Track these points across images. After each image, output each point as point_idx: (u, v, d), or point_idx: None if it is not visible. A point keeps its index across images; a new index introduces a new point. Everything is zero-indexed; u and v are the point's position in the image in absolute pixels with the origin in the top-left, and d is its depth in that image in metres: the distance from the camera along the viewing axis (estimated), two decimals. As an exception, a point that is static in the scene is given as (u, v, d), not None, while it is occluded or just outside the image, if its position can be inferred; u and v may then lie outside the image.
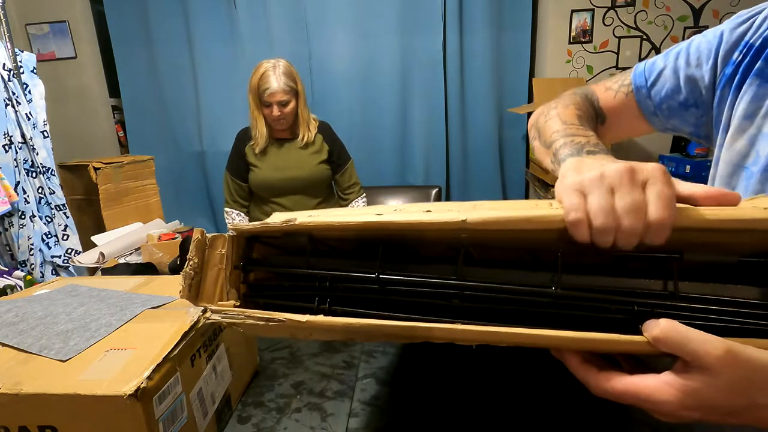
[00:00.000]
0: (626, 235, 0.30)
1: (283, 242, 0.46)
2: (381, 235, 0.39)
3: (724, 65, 0.54)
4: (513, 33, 2.49)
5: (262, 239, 0.45)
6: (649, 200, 0.30)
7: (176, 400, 0.47)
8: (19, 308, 0.58)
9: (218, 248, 0.42)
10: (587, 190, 0.31)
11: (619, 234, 0.30)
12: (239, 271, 0.43)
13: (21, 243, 1.59)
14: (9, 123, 1.55)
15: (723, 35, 0.54)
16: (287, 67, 1.54)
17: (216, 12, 2.46)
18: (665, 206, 0.29)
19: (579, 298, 0.33)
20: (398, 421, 0.59)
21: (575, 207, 0.31)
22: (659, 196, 0.29)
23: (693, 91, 0.59)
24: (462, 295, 0.36)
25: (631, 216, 0.29)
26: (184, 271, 0.41)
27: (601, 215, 0.30)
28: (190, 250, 0.42)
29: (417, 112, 2.56)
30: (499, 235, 0.35)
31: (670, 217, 0.29)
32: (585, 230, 0.31)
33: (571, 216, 0.31)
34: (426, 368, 0.71)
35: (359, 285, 0.38)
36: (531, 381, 0.65)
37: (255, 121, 1.59)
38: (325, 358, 0.75)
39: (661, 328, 0.28)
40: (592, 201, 0.30)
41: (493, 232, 0.34)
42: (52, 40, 2.52)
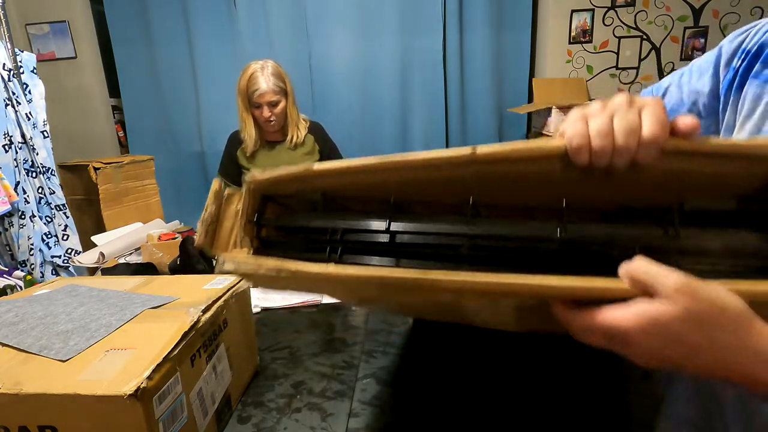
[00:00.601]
0: (621, 153, 0.33)
1: (295, 202, 0.46)
2: (391, 185, 0.39)
3: (725, 72, 0.57)
4: (513, 33, 2.49)
5: (275, 198, 0.46)
6: (643, 120, 0.32)
7: (176, 400, 0.47)
8: (19, 308, 0.58)
9: (234, 203, 0.44)
10: (590, 117, 0.34)
11: (615, 153, 0.33)
12: (252, 226, 0.44)
13: (21, 243, 1.59)
14: (9, 123, 1.55)
15: (722, 48, 0.58)
16: (275, 67, 1.54)
17: (216, 12, 2.46)
18: (658, 124, 0.32)
19: (583, 242, 0.34)
20: (398, 421, 0.59)
21: (578, 133, 0.33)
22: (653, 116, 0.32)
23: (695, 103, 0.61)
24: (470, 244, 0.36)
25: (627, 135, 0.32)
26: (201, 218, 0.43)
27: (600, 137, 0.33)
28: (208, 199, 0.43)
29: (417, 112, 2.56)
30: (505, 176, 0.36)
31: (662, 135, 0.32)
32: (585, 154, 0.33)
33: (573, 142, 0.33)
34: (426, 368, 0.71)
35: (370, 237, 0.39)
36: (531, 381, 0.65)
37: (244, 124, 1.57)
38: (325, 358, 0.75)
39: (631, 264, 0.30)
40: (593, 125, 0.33)
41: (499, 176, 0.35)
42: (52, 40, 2.52)
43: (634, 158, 0.33)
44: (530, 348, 0.72)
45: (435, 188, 0.40)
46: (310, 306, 0.98)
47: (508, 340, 0.75)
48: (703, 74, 0.60)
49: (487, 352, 0.73)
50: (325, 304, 0.98)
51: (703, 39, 2.41)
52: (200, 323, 0.53)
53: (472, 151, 0.34)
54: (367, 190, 0.41)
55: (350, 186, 0.41)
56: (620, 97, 0.34)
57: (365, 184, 0.40)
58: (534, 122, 2.56)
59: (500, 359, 0.71)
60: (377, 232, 0.39)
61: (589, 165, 0.34)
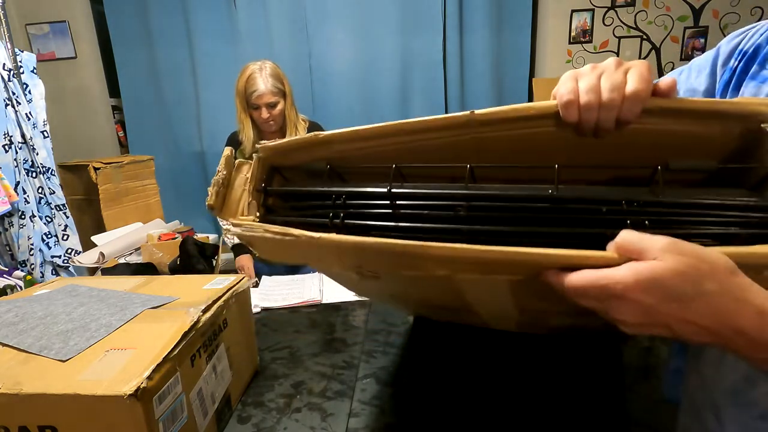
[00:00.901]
0: (606, 108, 0.35)
1: (301, 175, 0.48)
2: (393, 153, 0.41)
3: (722, 72, 0.59)
4: (513, 33, 2.49)
5: (281, 171, 0.48)
6: (628, 78, 0.35)
7: (176, 400, 0.47)
8: (19, 308, 0.58)
9: (243, 172, 0.46)
10: (580, 76, 0.37)
11: (601, 108, 0.35)
12: (260, 194, 0.46)
13: (21, 243, 1.58)
14: (9, 123, 1.55)
15: (720, 48, 0.60)
16: (274, 68, 1.53)
17: (216, 12, 2.46)
18: (641, 81, 0.35)
19: (574, 199, 0.36)
20: (398, 421, 0.59)
21: (568, 90, 0.36)
22: (638, 75, 0.35)
23: None
24: (468, 205, 0.38)
25: (611, 91, 0.35)
26: (213, 180, 0.45)
27: (587, 93, 0.35)
28: (220, 164, 0.46)
29: (417, 112, 2.56)
30: (502, 140, 0.38)
31: (644, 91, 0.34)
32: (575, 110, 0.36)
33: (564, 98, 0.36)
34: (426, 368, 0.71)
35: (371, 201, 0.41)
36: (532, 381, 0.65)
37: (242, 125, 1.57)
38: (325, 358, 0.75)
39: (619, 235, 0.31)
40: (582, 83, 0.36)
41: (495, 140, 0.38)
42: (52, 40, 2.52)
43: (619, 115, 0.35)
44: (530, 348, 0.72)
45: (435, 155, 0.42)
46: (310, 306, 0.98)
47: (508, 341, 0.75)
48: (701, 73, 0.61)
49: (487, 353, 0.73)
50: (325, 304, 0.98)
51: (703, 39, 2.41)
52: (200, 323, 0.53)
53: (471, 113, 0.37)
54: (370, 158, 0.44)
55: (354, 153, 0.44)
56: (610, 60, 0.37)
57: (368, 152, 0.43)
58: (534, 122, 2.56)
59: (500, 359, 0.71)
60: (379, 195, 0.40)
61: (579, 122, 0.36)
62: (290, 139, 0.45)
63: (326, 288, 1.07)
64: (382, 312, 0.92)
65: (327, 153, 0.45)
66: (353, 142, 0.43)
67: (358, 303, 0.97)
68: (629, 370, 0.68)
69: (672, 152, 0.37)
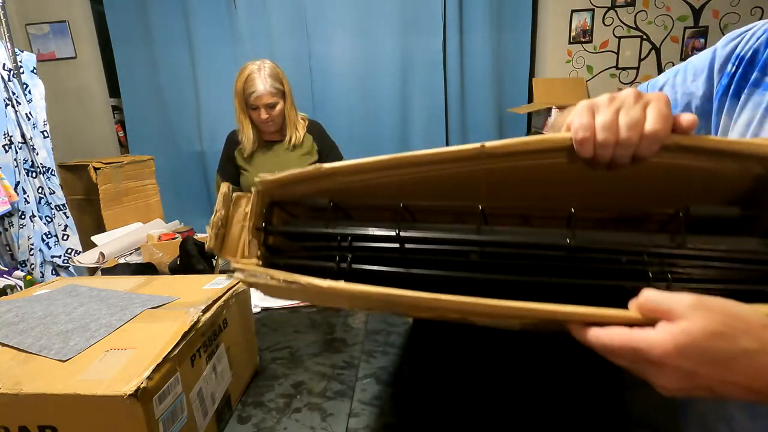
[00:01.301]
0: (623, 145, 0.33)
1: (302, 210, 0.46)
2: (399, 187, 0.39)
3: (720, 77, 0.59)
4: (513, 33, 2.49)
5: (282, 206, 0.46)
6: (647, 115, 0.33)
7: (176, 400, 0.47)
8: (19, 308, 0.58)
9: (242, 206, 0.44)
10: (596, 109, 0.35)
11: (618, 145, 0.34)
12: (261, 233, 0.44)
13: (21, 243, 1.58)
14: (9, 123, 1.55)
15: (716, 51, 0.60)
16: (273, 68, 1.51)
17: (216, 12, 2.46)
18: (660, 120, 0.33)
19: (592, 249, 0.34)
20: (398, 421, 0.59)
21: (584, 126, 0.34)
22: (657, 112, 0.33)
23: (688, 105, 0.63)
24: (480, 252, 0.36)
25: (630, 128, 0.33)
26: (212, 221, 0.43)
27: (605, 130, 0.34)
28: (217, 203, 0.43)
29: (417, 112, 2.56)
30: (513, 172, 0.37)
31: (663, 130, 0.33)
32: (590, 147, 0.34)
33: (579, 134, 0.34)
34: (426, 368, 0.71)
35: (379, 244, 0.39)
36: (532, 381, 0.65)
37: (242, 125, 1.55)
38: (325, 358, 0.75)
39: (639, 298, 0.30)
40: (599, 118, 0.34)
41: (506, 173, 0.36)
42: (52, 40, 2.52)
43: (636, 152, 0.34)
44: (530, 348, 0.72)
45: (444, 185, 0.40)
46: (310, 306, 0.98)
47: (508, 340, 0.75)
48: (698, 76, 0.61)
49: (487, 352, 0.73)
50: (325, 304, 0.98)
51: (703, 39, 2.41)
52: (200, 323, 0.53)
53: (481, 146, 0.35)
54: (376, 192, 0.41)
55: (359, 187, 0.41)
56: (627, 92, 0.35)
57: (374, 186, 0.41)
58: (534, 122, 2.56)
59: (500, 359, 0.71)
60: (387, 239, 0.38)
61: (594, 158, 0.34)
62: (290, 173, 0.42)
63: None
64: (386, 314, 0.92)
65: (330, 185, 0.42)
66: (357, 175, 0.41)
67: (358, 303, 0.97)
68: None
69: (688, 187, 0.36)
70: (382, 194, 0.41)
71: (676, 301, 0.29)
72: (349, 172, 0.41)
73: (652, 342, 0.28)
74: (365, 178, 0.41)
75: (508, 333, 0.77)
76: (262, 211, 0.44)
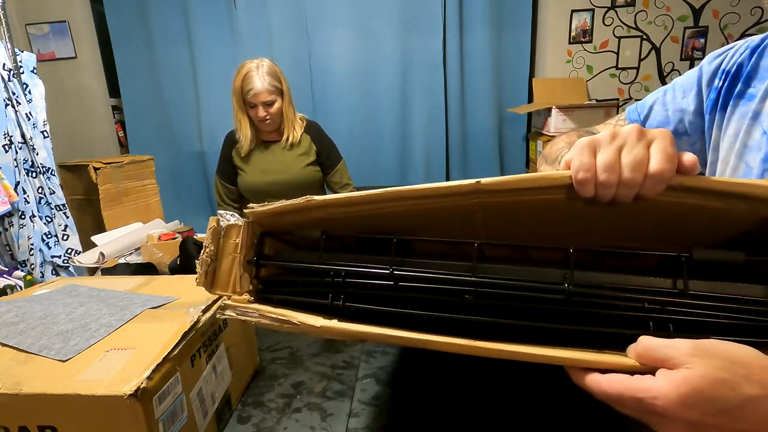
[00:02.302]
0: (626, 185, 0.32)
1: (295, 239, 0.46)
2: (393, 219, 0.39)
3: (708, 91, 0.61)
4: (513, 33, 2.49)
5: (274, 235, 0.45)
6: (651, 154, 0.32)
7: (176, 400, 0.47)
8: (19, 308, 0.58)
9: (233, 237, 0.43)
10: (599, 148, 0.34)
11: (620, 185, 0.33)
12: (252, 266, 0.43)
13: (21, 243, 1.58)
14: (9, 123, 1.55)
15: (702, 68, 0.62)
16: (271, 66, 1.51)
17: (216, 12, 2.46)
18: (665, 160, 0.32)
19: (590, 295, 0.33)
20: (398, 421, 0.59)
21: (585, 167, 0.33)
22: (661, 151, 0.32)
23: (681, 121, 0.64)
24: (476, 292, 0.36)
25: (633, 169, 0.32)
26: (201, 258, 0.42)
27: (606, 171, 0.32)
28: (206, 238, 0.42)
29: (417, 112, 2.56)
30: (510, 207, 0.36)
31: (669, 171, 0.32)
32: (591, 188, 0.33)
33: (579, 175, 0.33)
34: (426, 368, 0.71)
35: (373, 281, 0.38)
36: (532, 382, 0.65)
37: (239, 124, 1.55)
38: (325, 358, 0.75)
39: (638, 346, 0.30)
40: (600, 158, 0.33)
41: (503, 207, 0.35)
42: (52, 40, 2.52)
43: (639, 192, 0.33)
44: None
45: (440, 219, 0.39)
46: (310, 306, 0.97)
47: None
48: (687, 93, 0.62)
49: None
50: (325, 304, 0.98)
51: (703, 39, 2.41)
52: (200, 323, 0.53)
53: (476, 182, 0.34)
54: (371, 222, 0.41)
55: (352, 219, 0.41)
56: (630, 129, 0.34)
57: (369, 216, 0.40)
58: (534, 122, 2.57)
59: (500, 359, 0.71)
60: (380, 278, 0.38)
61: (594, 198, 0.34)
62: (281, 204, 0.41)
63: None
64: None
65: (322, 215, 0.41)
66: (350, 207, 0.40)
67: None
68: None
69: (692, 224, 0.35)
70: (376, 224, 0.41)
71: (675, 348, 0.28)
72: (341, 204, 0.40)
73: (654, 392, 0.28)
74: (359, 210, 0.40)
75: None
76: (253, 242, 0.43)
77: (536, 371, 0.68)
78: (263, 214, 0.42)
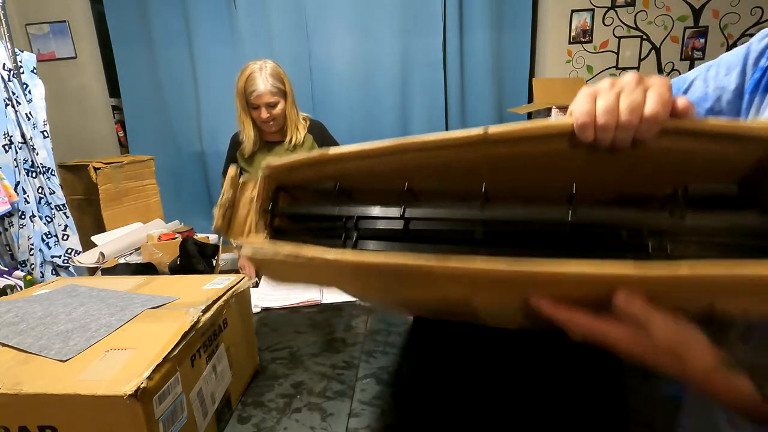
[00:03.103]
0: (623, 128, 0.34)
1: (308, 194, 0.47)
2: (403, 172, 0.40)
3: (753, 71, 0.58)
4: (513, 33, 2.49)
5: (287, 189, 0.47)
6: (647, 98, 0.34)
7: (176, 400, 0.47)
8: (19, 308, 0.58)
9: (248, 190, 0.45)
10: (598, 94, 0.36)
11: (618, 128, 0.35)
12: (267, 214, 0.45)
13: (21, 243, 1.58)
14: (9, 123, 1.55)
15: (750, 46, 0.59)
16: (274, 68, 1.52)
17: (216, 12, 2.46)
18: (660, 103, 0.34)
19: (593, 225, 0.35)
20: (398, 421, 0.59)
21: (585, 111, 0.35)
22: (656, 95, 0.34)
23: (719, 99, 0.63)
24: (484, 229, 0.37)
25: (630, 112, 0.34)
26: (219, 203, 0.44)
27: (605, 114, 0.34)
28: (225, 184, 0.44)
29: (417, 112, 2.56)
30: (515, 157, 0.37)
31: (662, 113, 0.34)
32: (591, 132, 0.35)
33: (580, 120, 0.35)
34: (426, 368, 0.71)
35: (384, 224, 0.39)
36: (532, 382, 0.65)
37: (243, 125, 1.55)
38: (325, 358, 0.75)
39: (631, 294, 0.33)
40: (599, 103, 0.35)
41: (509, 158, 0.37)
42: (52, 40, 2.52)
43: (636, 135, 0.35)
44: (530, 347, 0.72)
45: (447, 173, 0.40)
46: (310, 306, 0.98)
47: (508, 340, 0.75)
48: (731, 70, 0.60)
49: (487, 352, 0.73)
50: (325, 304, 0.98)
51: (703, 39, 2.41)
52: (200, 323, 0.53)
53: (484, 131, 0.36)
54: (380, 176, 0.42)
55: (364, 172, 0.42)
56: (629, 76, 0.36)
57: (377, 171, 0.41)
58: (534, 122, 2.56)
59: (500, 359, 0.71)
60: (392, 218, 0.39)
61: (594, 141, 0.35)
62: (296, 158, 0.42)
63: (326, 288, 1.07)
64: (382, 312, 0.92)
65: (335, 170, 0.43)
66: (361, 160, 0.41)
67: (358, 303, 0.97)
68: (629, 370, 0.68)
69: (688, 170, 0.36)
70: (385, 180, 0.41)
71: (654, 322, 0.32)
72: (353, 158, 0.41)
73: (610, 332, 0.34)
74: (369, 164, 0.41)
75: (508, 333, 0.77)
76: (269, 194, 0.45)
77: (536, 371, 0.68)
78: (279, 168, 0.44)
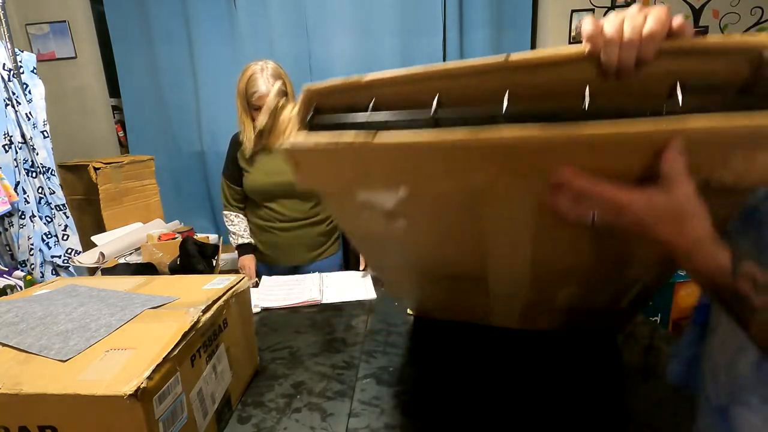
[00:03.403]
0: (627, 48, 0.39)
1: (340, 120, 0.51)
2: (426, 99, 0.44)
3: None
4: (513, 33, 2.49)
5: (323, 113, 0.50)
6: (646, 20, 0.39)
7: (176, 400, 0.47)
8: (19, 308, 0.58)
9: (288, 111, 0.50)
10: (605, 20, 0.41)
11: (622, 48, 0.39)
12: (305, 126, 0.48)
13: (21, 243, 1.58)
14: (9, 123, 1.55)
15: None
16: (276, 69, 1.52)
17: (216, 12, 2.46)
18: (657, 22, 0.38)
19: (609, 108, 0.38)
20: (398, 421, 0.59)
21: (594, 28, 0.40)
22: (655, 17, 0.39)
23: None
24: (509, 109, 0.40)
25: (632, 32, 0.39)
26: (266, 107, 0.50)
27: (610, 30, 0.39)
28: (270, 95, 0.49)
29: (417, 112, 2.56)
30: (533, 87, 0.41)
31: (659, 31, 0.38)
32: (599, 45, 0.39)
33: (589, 32, 0.40)
34: (426, 368, 0.71)
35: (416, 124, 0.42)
36: (531, 381, 0.65)
37: (243, 126, 1.56)
38: (325, 358, 0.75)
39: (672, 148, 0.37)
40: (606, 25, 0.40)
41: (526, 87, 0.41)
42: (52, 40, 2.52)
43: (638, 55, 0.39)
44: (530, 348, 0.72)
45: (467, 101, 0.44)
46: (310, 306, 0.98)
47: (508, 340, 0.75)
48: None
49: (487, 353, 0.73)
50: (325, 304, 0.98)
51: (703, 39, 2.41)
52: (200, 323, 0.53)
53: (505, 57, 0.42)
54: (406, 103, 0.46)
55: (391, 98, 0.46)
56: (633, 7, 0.41)
57: (404, 97, 0.45)
58: (534, 122, 2.56)
59: (500, 359, 0.71)
60: (423, 120, 0.42)
61: (603, 62, 0.40)
62: (333, 82, 0.47)
63: (326, 288, 1.07)
64: (382, 312, 0.92)
65: (366, 96, 0.47)
66: (393, 86, 0.46)
67: (358, 303, 0.97)
68: (629, 370, 0.68)
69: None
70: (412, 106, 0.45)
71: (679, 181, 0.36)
72: (385, 84, 0.45)
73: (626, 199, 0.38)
74: (398, 90, 0.45)
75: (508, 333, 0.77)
76: (308, 110, 0.49)
77: (536, 372, 0.68)
78: (318, 89, 0.48)
